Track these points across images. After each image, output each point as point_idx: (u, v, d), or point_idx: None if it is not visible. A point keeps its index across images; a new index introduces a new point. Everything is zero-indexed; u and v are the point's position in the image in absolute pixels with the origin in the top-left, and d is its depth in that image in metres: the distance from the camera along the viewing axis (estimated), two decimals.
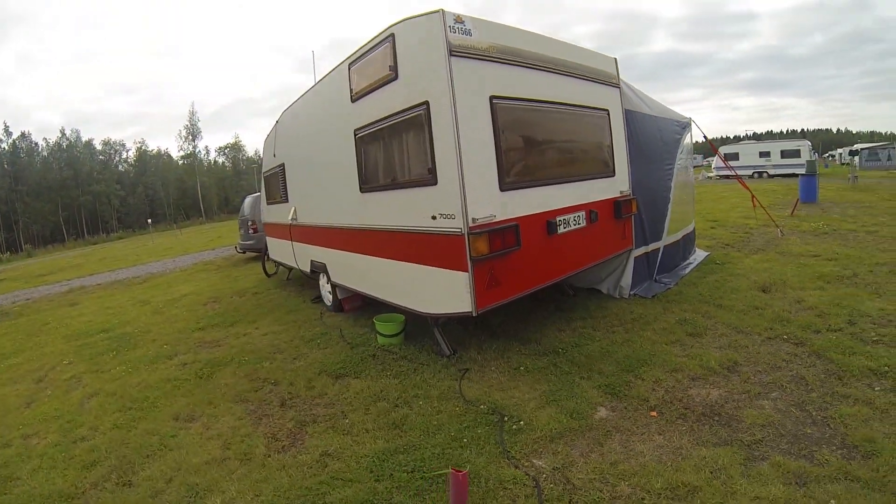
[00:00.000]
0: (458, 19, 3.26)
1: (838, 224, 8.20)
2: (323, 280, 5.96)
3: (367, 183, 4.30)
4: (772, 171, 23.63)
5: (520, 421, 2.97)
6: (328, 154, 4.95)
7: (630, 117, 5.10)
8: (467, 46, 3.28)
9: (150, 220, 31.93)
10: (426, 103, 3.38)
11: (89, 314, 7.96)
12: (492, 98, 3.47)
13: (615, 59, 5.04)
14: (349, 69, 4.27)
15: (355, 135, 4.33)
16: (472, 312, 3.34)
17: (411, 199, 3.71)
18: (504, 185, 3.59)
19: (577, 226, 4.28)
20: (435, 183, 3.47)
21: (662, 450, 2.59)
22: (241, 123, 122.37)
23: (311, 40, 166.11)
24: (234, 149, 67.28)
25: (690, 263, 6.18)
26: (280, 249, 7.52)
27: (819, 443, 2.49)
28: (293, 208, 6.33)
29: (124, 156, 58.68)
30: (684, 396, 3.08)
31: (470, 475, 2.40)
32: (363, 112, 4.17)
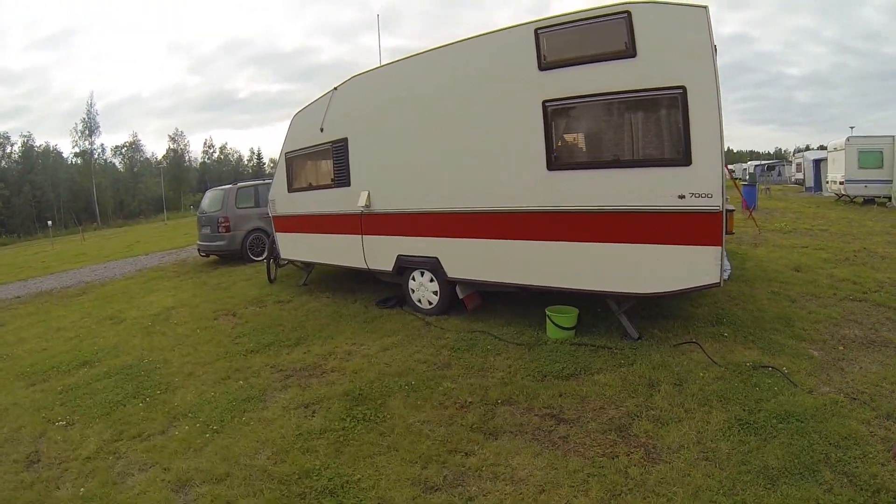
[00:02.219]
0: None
1: (793, 224, 9.44)
2: (423, 278, 4.67)
3: (562, 160, 3.56)
4: None
5: (783, 368, 3.02)
6: (472, 126, 3.96)
7: None
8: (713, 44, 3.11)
9: (50, 223, 23.75)
10: (682, 88, 3.04)
11: (36, 339, 5.19)
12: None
13: None
14: (537, 35, 3.50)
15: (545, 106, 3.52)
16: (719, 283, 3.13)
17: (647, 179, 3.22)
18: None
19: None
20: (687, 164, 3.06)
21: (880, 364, 3.02)
22: (128, 123, 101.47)
23: (206, 39, 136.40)
24: (132, 148, 55.40)
25: None
26: (317, 247, 5.71)
27: None
28: (366, 193, 4.80)
29: (8, 150, 44.34)
30: (844, 335, 3.53)
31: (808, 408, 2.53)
32: (562, 83, 3.45)
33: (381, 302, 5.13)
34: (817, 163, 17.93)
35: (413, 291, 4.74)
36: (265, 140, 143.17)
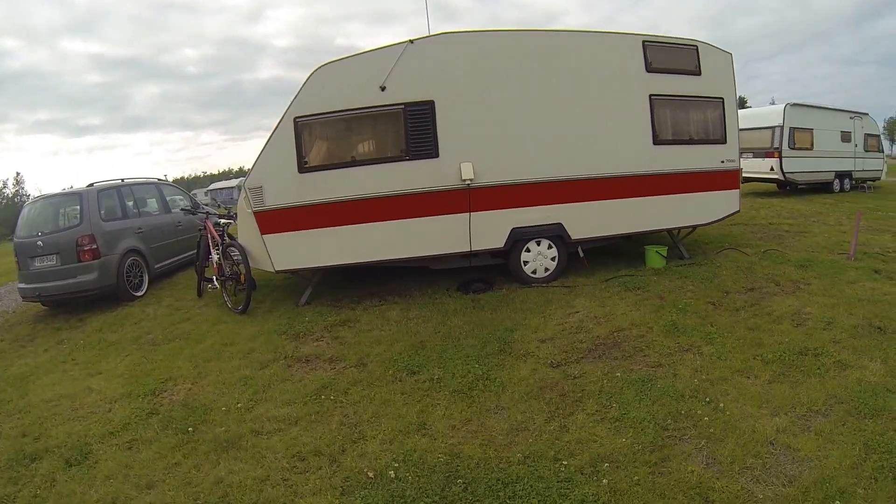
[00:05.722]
0: None
1: None
2: (539, 247, 5.13)
3: (660, 137, 5.14)
4: None
5: (776, 249, 5.57)
6: (591, 106, 4.96)
7: None
8: None
9: None
10: (722, 98, 5.31)
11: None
12: None
13: None
14: (643, 45, 5.03)
15: (650, 98, 5.09)
16: (739, 210, 5.59)
17: (704, 152, 5.30)
18: None
19: None
20: (725, 142, 5.41)
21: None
22: None
23: None
24: None
25: None
26: (366, 242, 4.73)
27: None
28: (469, 165, 4.68)
29: None
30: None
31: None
32: (661, 84, 5.09)
33: (463, 288, 5.00)
34: None
35: (526, 263, 5.10)
36: None
